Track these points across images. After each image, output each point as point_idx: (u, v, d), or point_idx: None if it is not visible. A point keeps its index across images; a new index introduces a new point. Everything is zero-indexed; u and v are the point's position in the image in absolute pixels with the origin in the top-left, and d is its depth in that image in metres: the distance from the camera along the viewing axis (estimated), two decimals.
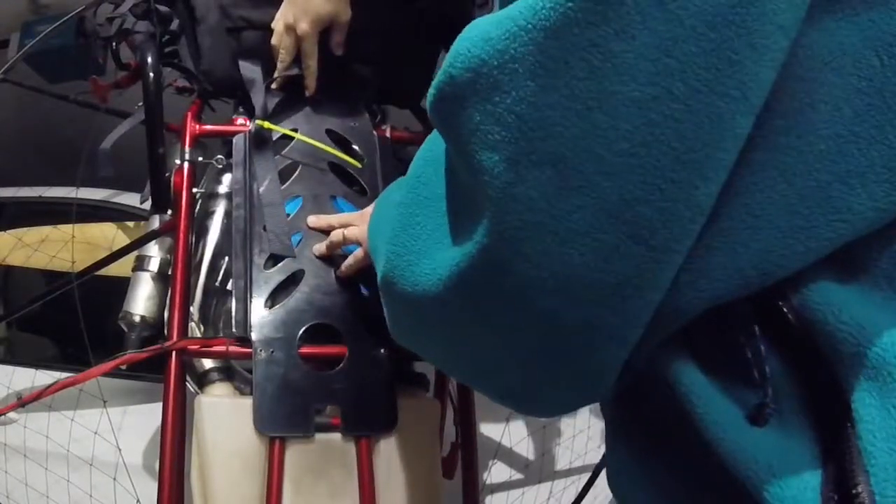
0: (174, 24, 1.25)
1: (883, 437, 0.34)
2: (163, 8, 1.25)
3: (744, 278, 0.38)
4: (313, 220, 1.09)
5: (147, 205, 1.26)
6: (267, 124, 1.09)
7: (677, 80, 0.35)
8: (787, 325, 0.38)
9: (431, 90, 0.41)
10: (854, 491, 0.34)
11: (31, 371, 1.75)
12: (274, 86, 1.15)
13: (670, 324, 0.40)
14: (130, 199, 2.07)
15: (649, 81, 0.35)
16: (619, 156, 0.36)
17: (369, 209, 0.91)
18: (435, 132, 0.50)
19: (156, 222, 1.28)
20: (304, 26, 1.08)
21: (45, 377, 1.65)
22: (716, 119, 0.35)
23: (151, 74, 1.17)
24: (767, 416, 0.38)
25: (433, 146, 0.51)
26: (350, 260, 1.03)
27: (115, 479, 1.58)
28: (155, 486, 1.06)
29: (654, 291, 0.39)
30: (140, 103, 1.22)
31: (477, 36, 0.38)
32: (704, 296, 0.39)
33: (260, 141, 1.12)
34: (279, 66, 1.12)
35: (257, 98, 1.13)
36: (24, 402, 1.37)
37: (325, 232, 1.07)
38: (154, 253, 1.30)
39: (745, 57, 0.34)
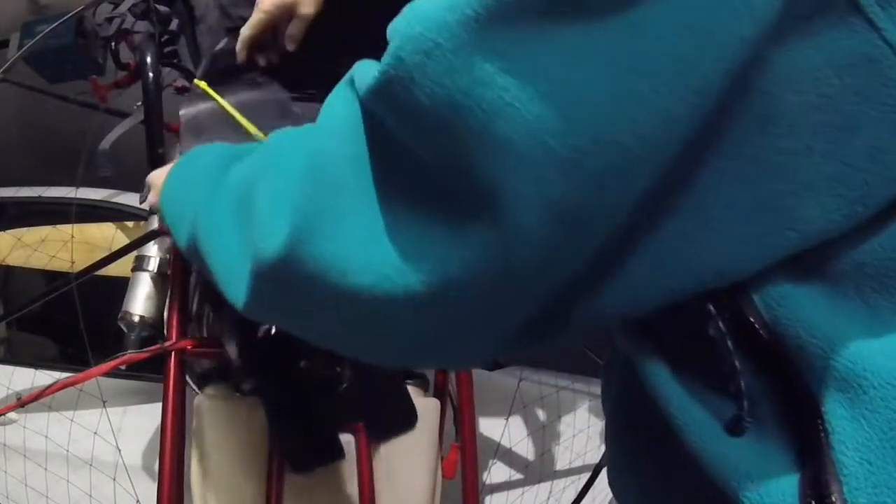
0: (173, 24, 1.25)
1: (854, 447, 0.35)
2: (162, 8, 1.25)
3: (699, 276, 0.39)
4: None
5: (147, 205, 1.26)
6: (203, 85, 1.07)
7: (642, 82, 0.34)
8: (759, 340, 0.39)
9: (374, 73, 0.40)
10: (828, 500, 0.35)
11: (31, 371, 1.74)
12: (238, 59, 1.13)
13: (626, 310, 0.42)
14: (130, 199, 2.07)
15: (608, 76, 0.35)
16: (572, 151, 0.35)
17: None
18: (338, 99, 0.46)
19: (155, 222, 1.28)
20: (265, 4, 1.06)
21: (44, 377, 1.64)
22: (671, 122, 0.35)
23: (151, 74, 1.17)
24: (744, 428, 0.39)
25: (352, 113, 0.44)
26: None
27: (114, 479, 1.58)
28: (155, 486, 1.06)
29: (568, 270, 0.40)
30: (139, 103, 1.22)
31: (430, 20, 0.37)
32: (660, 290, 0.40)
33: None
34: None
35: (205, 62, 1.11)
36: (23, 402, 1.37)
37: None
38: (153, 253, 1.30)
39: (708, 65, 0.35)
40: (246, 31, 1.07)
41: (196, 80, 1.08)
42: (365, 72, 0.42)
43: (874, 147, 0.36)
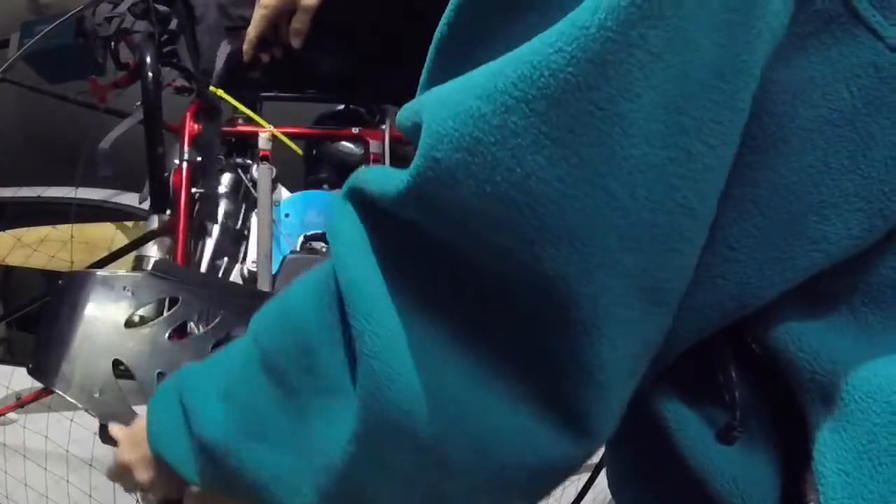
0: (173, 24, 1.25)
1: (833, 458, 0.36)
2: (162, 7, 1.25)
3: (723, 310, 0.38)
4: None
5: (146, 205, 1.26)
6: (220, 92, 1.08)
7: (693, 138, 0.33)
8: (752, 353, 0.39)
9: (403, 178, 0.36)
10: None
11: None
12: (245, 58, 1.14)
13: (664, 360, 0.41)
14: (130, 198, 2.07)
15: (664, 143, 0.33)
16: (640, 227, 0.34)
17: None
18: (342, 217, 0.42)
19: (154, 222, 1.28)
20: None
21: None
22: (724, 169, 0.35)
23: (150, 74, 1.17)
24: (735, 437, 0.39)
25: (358, 229, 0.41)
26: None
27: None
28: None
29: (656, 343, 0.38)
30: (139, 103, 1.22)
31: (463, 113, 0.34)
32: (692, 330, 0.39)
33: (210, 108, 1.12)
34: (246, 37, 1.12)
35: (220, 66, 1.13)
36: (23, 402, 1.37)
37: None
38: (153, 253, 1.29)
39: (747, 104, 0.34)
40: (251, 31, 1.08)
41: (212, 88, 1.09)
42: (381, 178, 0.39)
43: (889, 156, 0.36)
